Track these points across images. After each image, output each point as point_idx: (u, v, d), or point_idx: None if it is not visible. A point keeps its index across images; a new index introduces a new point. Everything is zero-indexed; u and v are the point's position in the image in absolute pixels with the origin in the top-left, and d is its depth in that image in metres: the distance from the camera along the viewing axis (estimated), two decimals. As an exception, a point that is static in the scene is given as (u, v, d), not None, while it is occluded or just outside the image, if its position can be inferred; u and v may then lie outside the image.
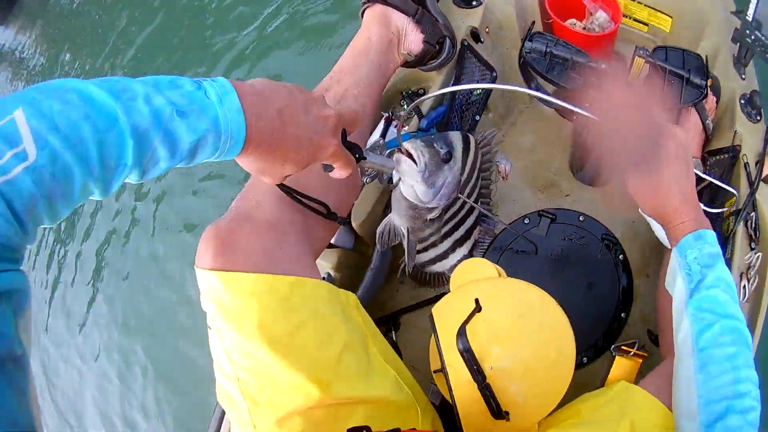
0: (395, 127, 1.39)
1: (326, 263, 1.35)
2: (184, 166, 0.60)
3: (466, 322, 0.88)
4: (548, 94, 0.87)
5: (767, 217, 1.31)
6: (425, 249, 1.32)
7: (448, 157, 1.14)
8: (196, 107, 0.56)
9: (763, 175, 1.33)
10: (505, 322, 0.92)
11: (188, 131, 0.55)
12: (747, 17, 1.30)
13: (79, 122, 0.46)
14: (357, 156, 0.84)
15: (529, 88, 1.47)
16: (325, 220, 1.05)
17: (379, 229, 1.24)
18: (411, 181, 1.11)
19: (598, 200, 1.48)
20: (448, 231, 1.31)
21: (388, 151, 1.04)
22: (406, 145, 1.08)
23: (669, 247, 1.14)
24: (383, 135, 1.38)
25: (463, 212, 1.31)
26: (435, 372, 1.02)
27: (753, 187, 1.28)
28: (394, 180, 1.18)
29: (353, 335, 0.96)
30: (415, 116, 1.40)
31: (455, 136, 1.20)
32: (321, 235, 1.10)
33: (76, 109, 0.46)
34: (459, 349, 0.87)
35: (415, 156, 1.08)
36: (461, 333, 0.87)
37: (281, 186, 0.86)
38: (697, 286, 0.84)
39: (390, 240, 1.26)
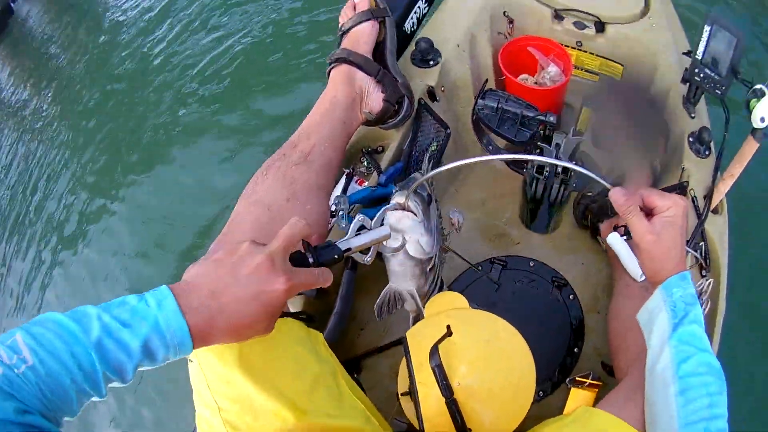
0: (357, 182, 1.53)
1: (292, 309, 1.45)
2: (153, 366, 0.75)
3: (439, 342, 1.00)
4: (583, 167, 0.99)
5: (717, 244, 1.46)
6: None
7: (430, 199, 1.16)
8: (138, 317, 0.71)
9: (713, 206, 1.47)
10: (472, 345, 1.06)
11: (133, 338, 0.70)
12: (697, 56, 1.41)
13: (54, 340, 0.66)
14: (337, 257, 0.91)
15: (481, 143, 1.69)
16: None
17: (377, 303, 1.25)
18: (416, 236, 1.09)
19: (547, 246, 1.63)
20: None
21: (373, 221, 1.03)
22: (398, 198, 1.05)
23: (636, 278, 1.30)
24: (344, 191, 1.53)
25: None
26: (402, 395, 1.14)
27: (701, 218, 1.44)
28: (388, 246, 1.10)
29: (324, 369, 1.07)
30: (375, 172, 1.54)
31: (417, 176, 1.12)
32: None
33: (52, 332, 0.67)
34: (431, 366, 1.00)
35: (413, 208, 1.06)
36: (434, 351, 1.00)
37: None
38: (680, 321, 0.96)
39: (390, 310, 1.27)
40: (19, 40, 6.87)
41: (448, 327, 1.03)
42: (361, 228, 1.01)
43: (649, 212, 1.01)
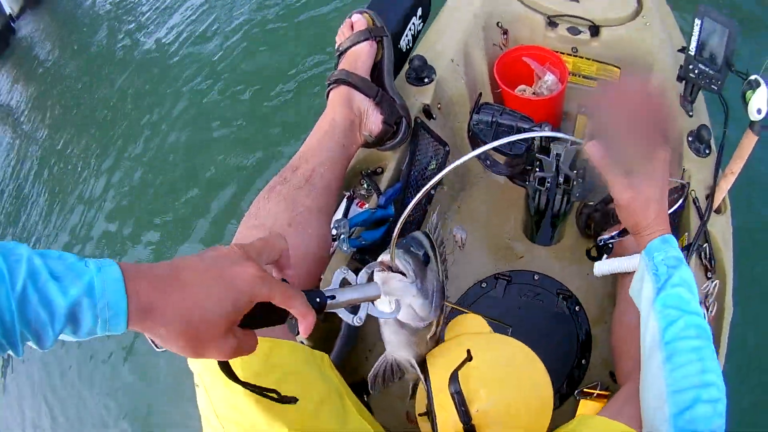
0: (357, 204, 1.57)
1: (299, 336, 1.55)
2: (74, 337, 0.64)
3: (459, 368, 1.04)
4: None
5: (720, 245, 1.48)
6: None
7: (427, 259, 1.09)
8: (72, 274, 0.61)
9: (715, 205, 1.49)
10: (491, 369, 1.10)
11: (61, 294, 0.59)
12: (690, 52, 1.43)
13: None
14: (319, 300, 0.83)
15: (479, 158, 1.73)
16: (301, 287, 1.26)
17: (371, 374, 1.19)
18: (407, 299, 1.02)
19: (551, 258, 1.67)
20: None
21: (359, 276, 0.93)
22: (385, 258, 1.00)
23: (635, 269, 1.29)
24: (345, 214, 1.56)
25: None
26: (420, 415, 1.19)
27: (704, 219, 1.45)
28: (379, 311, 0.98)
29: (330, 391, 1.11)
30: (374, 193, 1.57)
31: (419, 235, 1.15)
32: None
33: None
34: (450, 392, 1.04)
35: (402, 267, 1.00)
36: (453, 377, 1.04)
37: (226, 369, 0.83)
38: (663, 285, 0.95)
39: (387, 381, 1.20)
40: (21, 57, 7.00)
41: (469, 352, 1.07)
42: (345, 283, 0.92)
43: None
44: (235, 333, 0.73)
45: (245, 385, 0.86)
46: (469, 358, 1.06)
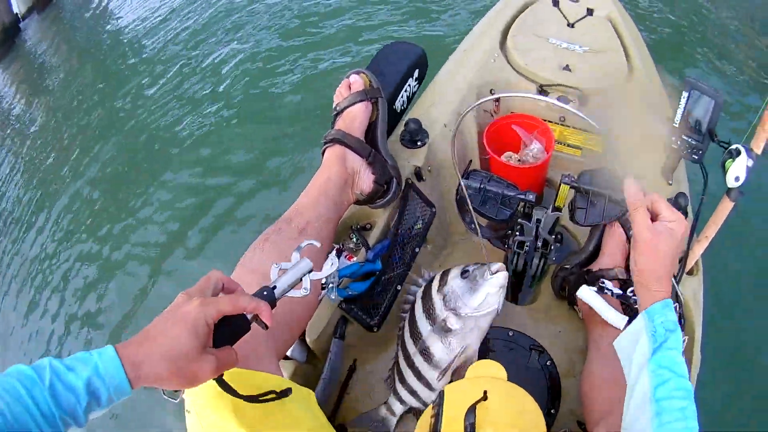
0: (346, 257, 1.69)
1: (285, 374, 1.59)
2: (101, 409, 0.83)
3: (476, 403, 1.19)
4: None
5: (691, 304, 1.59)
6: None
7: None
8: (81, 363, 0.81)
9: (687, 268, 1.57)
10: (503, 413, 1.22)
11: (77, 379, 0.79)
12: (674, 124, 1.48)
13: (14, 384, 0.76)
14: (266, 294, 1.03)
15: (464, 221, 1.87)
16: (289, 329, 1.37)
17: (456, 355, 1.49)
18: (503, 290, 1.44)
19: (526, 317, 1.78)
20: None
21: (293, 258, 1.13)
22: (497, 266, 1.42)
23: (618, 327, 1.42)
24: None
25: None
26: None
27: (677, 279, 1.53)
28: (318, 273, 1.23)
29: (316, 425, 1.22)
30: (363, 248, 1.68)
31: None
32: (284, 338, 1.38)
33: (15, 378, 0.77)
34: (465, 423, 1.17)
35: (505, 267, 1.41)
36: (471, 410, 1.18)
37: (222, 383, 0.99)
38: (660, 346, 1.05)
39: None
40: (26, 57, 7.16)
41: (485, 392, 1.22)
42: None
43: (653, 218, 1.14)
44: (210, 353, 0.90)
45: (244, 397, 1.04)
46: (484, 398, 1.21)
